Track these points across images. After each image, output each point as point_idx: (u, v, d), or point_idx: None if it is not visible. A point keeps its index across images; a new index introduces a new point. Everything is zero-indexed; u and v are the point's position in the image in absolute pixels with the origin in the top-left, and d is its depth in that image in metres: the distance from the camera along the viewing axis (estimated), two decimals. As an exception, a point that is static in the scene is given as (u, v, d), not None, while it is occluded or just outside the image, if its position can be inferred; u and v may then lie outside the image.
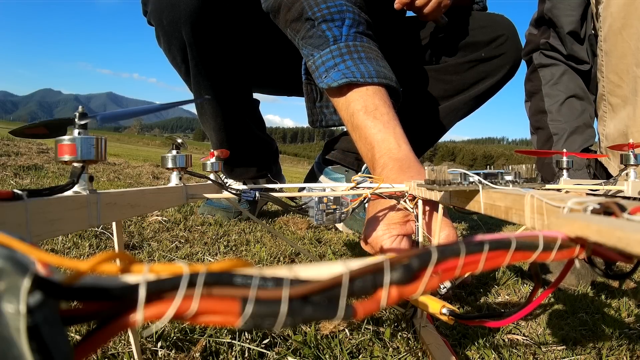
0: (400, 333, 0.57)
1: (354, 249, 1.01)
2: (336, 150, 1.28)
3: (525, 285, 0.86)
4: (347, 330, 0.57)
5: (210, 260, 0.82)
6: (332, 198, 0.54)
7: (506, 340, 0.62)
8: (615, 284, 0.89)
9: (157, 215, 1.10)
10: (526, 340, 0.63)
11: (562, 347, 0.61)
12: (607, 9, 0.82)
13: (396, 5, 0.93)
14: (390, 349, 0.54)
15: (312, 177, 1.34)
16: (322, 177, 1.29)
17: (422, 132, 1.17)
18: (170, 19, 0.97)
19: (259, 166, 1.27)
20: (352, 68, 0.67)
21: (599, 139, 0.96)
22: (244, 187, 0.53)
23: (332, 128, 0.96)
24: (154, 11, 1.00)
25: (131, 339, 0.44)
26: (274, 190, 0.55)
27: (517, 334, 0.64)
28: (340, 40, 0.71)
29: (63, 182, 0.48)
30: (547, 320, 0.70)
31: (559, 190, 0.51)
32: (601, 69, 0.89)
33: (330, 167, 1.28)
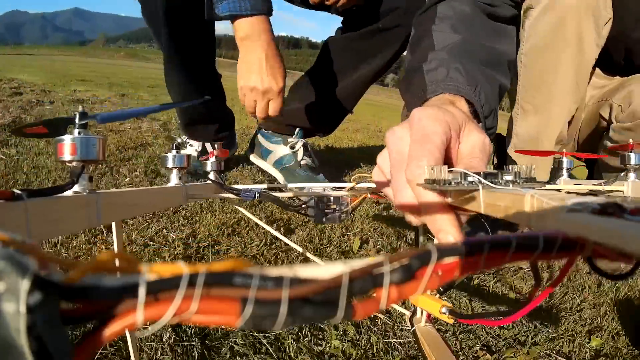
0: (400, 333, 0.57)
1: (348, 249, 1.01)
2: (269, 122, 1.45)
3: (525, 284, 0.86)
4: (345, 329, 0.57)
5: (173, 237, 0.83)
6: (331, 198, 0.54)
7: (506, 339, 0.62)
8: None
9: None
10: (526, 339, 0.63)
11: (563, 347, 0.61)
12: (533, 28, 0.83)
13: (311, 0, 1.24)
14: (390, 349, 0.54)
15: (253, 145, 1.50)
16: (262, 140, 1.46)
17: (336, 102, 1.40)
18: None
19: (220, 127, 1.42)
20: (237, 2, 0.99)
21: (510, 134, 1.00)
22: (244, 186, 0.53)
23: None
24: None
25: (128, 339, 0.44)
26: (274, 190, 0.55)
27: (517, 333, 0.64)
28: None
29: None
30: (547, 319, 0.70)
31: (559, 190, 0.51)
32: (518, 78, 0.91)
33: (268, 131, 1.45)
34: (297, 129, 1.42)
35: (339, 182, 0.60)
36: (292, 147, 1.40)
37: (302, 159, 1.39)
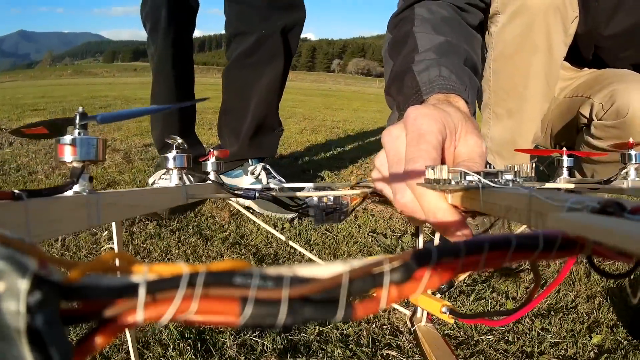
0: (400, 332, 0.57)
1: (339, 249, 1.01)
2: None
3: (525, 283, 0.86)
4: (344, 329, 0.57)
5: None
6: (332, 198, 0.54)
7: (506, 338, 0.62)
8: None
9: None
10: (532, 350, 0.62)
11: (567, 350, 0.61)
12: (500, 34, 0.83)
13: None
14: (390, 349, 0.54)
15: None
16: (224, 178, 1.42)
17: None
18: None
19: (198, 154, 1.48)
20: None
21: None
22: (245, 186, 0.53)
23: None
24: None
25: (129, 339, 0.44)
26: (274, 190, 0.55)
27: (523, 345, 0.64)
28: None
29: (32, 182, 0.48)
30: (546, 318, 0.70)
31: (558, 189, 0.51)
32: (488, 83, 0.92)
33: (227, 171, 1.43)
34: (250, 161, 1.40)
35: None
36: (253, 173, 1.38)
37: (267, 183, 1.36)
